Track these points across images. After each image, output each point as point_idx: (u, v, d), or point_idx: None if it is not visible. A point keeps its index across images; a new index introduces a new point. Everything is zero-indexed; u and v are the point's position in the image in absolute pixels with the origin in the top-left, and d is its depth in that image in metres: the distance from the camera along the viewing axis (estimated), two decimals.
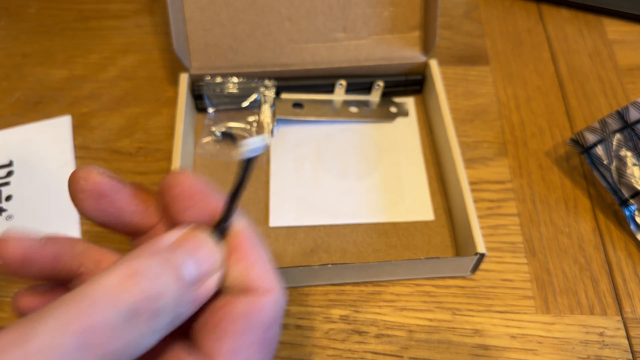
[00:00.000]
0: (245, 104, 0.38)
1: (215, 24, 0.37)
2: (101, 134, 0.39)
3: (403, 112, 0.39)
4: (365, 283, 0.32)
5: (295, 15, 0.37)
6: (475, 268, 0.31)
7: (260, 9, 0.37)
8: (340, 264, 0.30)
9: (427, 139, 0.38)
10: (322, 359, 0.29)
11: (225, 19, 0.37)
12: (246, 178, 0.18)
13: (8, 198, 0.34)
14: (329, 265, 0.30)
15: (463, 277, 0.32)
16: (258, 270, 0.18)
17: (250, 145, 0.18)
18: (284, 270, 0.30)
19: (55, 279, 0.20)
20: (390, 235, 0.33)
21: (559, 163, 0.37)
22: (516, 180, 0.36)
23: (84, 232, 0.34)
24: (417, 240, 0.33)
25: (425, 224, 0.34)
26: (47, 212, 0.34)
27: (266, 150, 0.38)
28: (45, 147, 0.38)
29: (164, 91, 0.41)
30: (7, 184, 0.35)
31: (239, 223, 0.19)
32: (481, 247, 0.29)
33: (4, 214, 0.34)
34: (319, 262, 0.32)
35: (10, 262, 0.18)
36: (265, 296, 0.18)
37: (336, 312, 0.31)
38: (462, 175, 0.32)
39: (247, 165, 0.18)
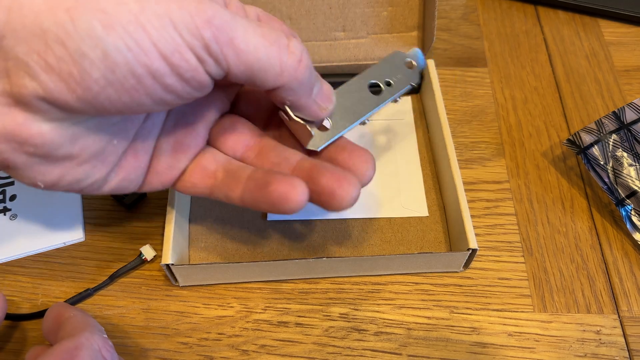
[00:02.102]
0: None
1: None
2: None
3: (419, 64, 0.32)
4: (364, 281, 0.32)
5: (296, 14, 0.37)
6: (467, 264, 0.31)
7: (261, 7, 0.37)
8: (335, 257, 0.30)
9: (424, 137, 0.38)
10: (322, 357, 0.29)
11: None
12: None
13: (12, 197, 0.34)
14: (324, 259, 0.30)
15: (456, 272, 0.32)
16: None
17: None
18: (280, 263, 0.30)
19: None
20: (385, 231, 0.34)
21: (556, 163, 0.37)
22: (513, 180, 0.36)
23: (88, 231, 0.34)
24: (411, 236, 0.33)
25: (419, 220, 0.34)
26: (50, 212, 0.34)
27: None
28: None
29: None
30: (11, 183, 0.35)
31: None
32: (473, 243, 0.29)
33: (8, 213, 0.34)
34: (314, 256, 0.32)
35: None
36: None
37: (336, 310, 0.31)
38: (457, 172, 0.32)
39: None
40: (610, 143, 0.34)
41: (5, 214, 0.34)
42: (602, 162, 0.34)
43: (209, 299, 0.31)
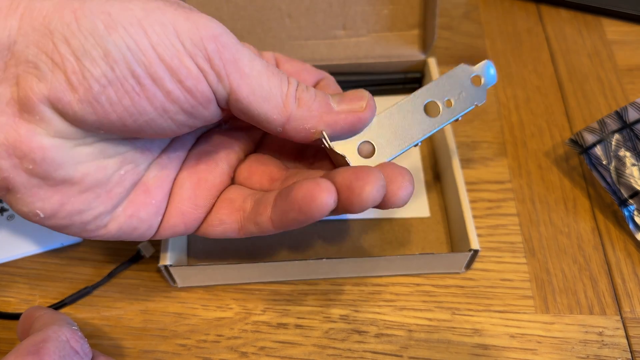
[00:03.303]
0: None
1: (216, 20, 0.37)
2: None
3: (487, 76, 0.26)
4: (365, 283, 0.32)
5: (295, 12, 0.37)
6: (469, 264, 0.31)
7: (261, 5, 0.37)
8: (335, 258, 0.30)
9: None
10: (322, 359, 0.29)
11: (225, 15, 0.37)
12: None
13: None
14: (324, 260, 0.30)
15: (457, 273, 0.32)
16: None
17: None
18: (280, 264, 0.30)
19: None
20: (386, 231, 0.33)
21: (558, 163, 0.37)
22: (515, 180, 0.36)
23: None
24: (412, 237, 0.33)
25: (421, 220, 0.34)
26: None
27: None
28: None
29: None
30: None
31: None
32: (475, 244, 0.29)
33: (5, 213, 0.33)
34: (314, 257, 0.32)
35: None
36: None
37: (336, 312, 0.31)
38: (458, 173, 0.32)
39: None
40: (613, 143, 0.33)
41: (2, 215, 0.33)
42: (604, 162, 0.33)
43: (208, 301, 0.31)
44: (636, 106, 0.33)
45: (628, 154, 0.33)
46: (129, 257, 0.32)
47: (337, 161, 0.25)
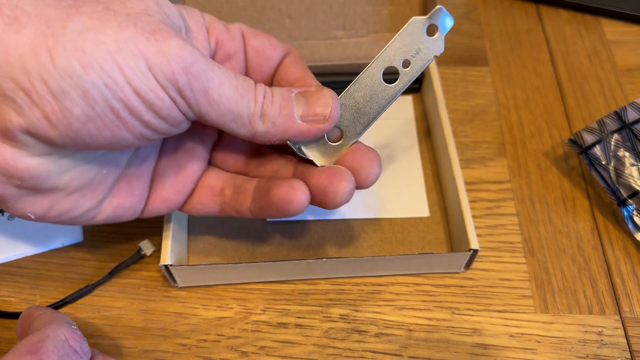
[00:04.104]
0: None
1: None
2: None
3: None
4: (364, 282, 0.32)
5: (296, 12, 0.37)
6: (468, 264, 0.31)
7: (261, 6, 0.37)
8: (334, 257, 0.30)
9: (425, 136, 0.38)
10: (322, 358, 0.29)
11: (226, 15, 0.37)
12: None
13: None
14: (324, 259, 0.30)
15: (457, 273, 0.32)
16: None
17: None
18: (280, 264, 0.30)
19: None
20: (386, 231, 0.33)
21: (558, 163, 0.37)
22: (515, 180, 0.36)
23: (86, 232, 0.33)
24: (412, 236, 0.33)
25: (420, 220, 0.34)
26: None
27: None
28: None
29: None
30: None
31: None
32: (474, 244, 0.29)
33: (6, 214, 0.33)
34: (314, 257, 0.32)
35: None
36: None
37: (336, 311, 0.31)
38: (458, 172, 0.32)
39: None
40: (612, 143, 0.33)
41: (3, 214, 0.33)
42: (603, 162, 0.33)
43: (208, 300, 0.31)
44: (635, 106, 0.33)
45: (627, 154, 0.33)
46: (130, 256, 0.32)
47: (306, 160, 0.26)
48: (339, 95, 0.25)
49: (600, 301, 0.31)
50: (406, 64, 0.24)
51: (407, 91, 0.40)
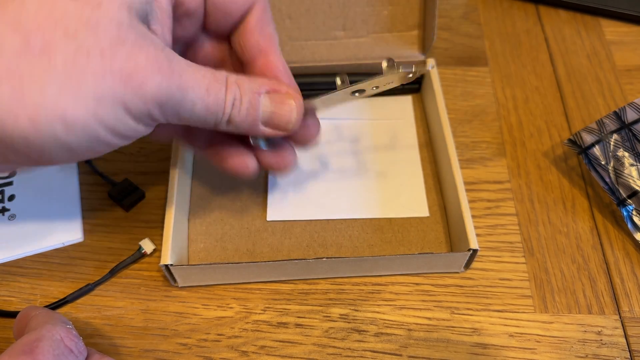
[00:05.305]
0: None
1: None
2: None
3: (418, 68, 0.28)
4: (364, 282, 0.32)
5: (295, 13, 0.37)
6: (468, 264, 0.31)
7: None
8: (334, 257, 0.30)
9: (424, 136, 0.38)
10: (322, 358, 0.29)
11: None
12: None
13: (11, 198, 0.34)
14: (324, 259, 0.30)
15: (457, 273, 0.32)
16: None
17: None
18: (280, 263, 0.30)
19: None
20: (386, 231, 0.33)
21: (557, 163, 0.37)
22: (514, 180, 0.36)
23: (86, 232, 0.34)
24: (412, 236, 0.33)
25: (420, 220, 0.34)
26: (49, 212, 0.34)
27: None
28: None
29: None
30: (9, 183, 0.35)
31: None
32: (474, 243, 0.29)
33: (6, 213, 0.34)
34: (314, 256, 0.32)
35: None
36: None
37: (336, 311, 0.31)
38: (458, 172, 0.32)
39: None
40: (612, 143, 0.34)
41: (3, 214, 0.33)
42: (603, 162, 0.33)
43: (208, 300, 0.31)
44: (635, 106, 0.34)
45: (626, 154, 0.33)
46: (130, 255, 0.32)
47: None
48: (305, 99, 0.27)
49: (600, 301, 0.31)
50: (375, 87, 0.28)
51: (407, 91, 0.40)
